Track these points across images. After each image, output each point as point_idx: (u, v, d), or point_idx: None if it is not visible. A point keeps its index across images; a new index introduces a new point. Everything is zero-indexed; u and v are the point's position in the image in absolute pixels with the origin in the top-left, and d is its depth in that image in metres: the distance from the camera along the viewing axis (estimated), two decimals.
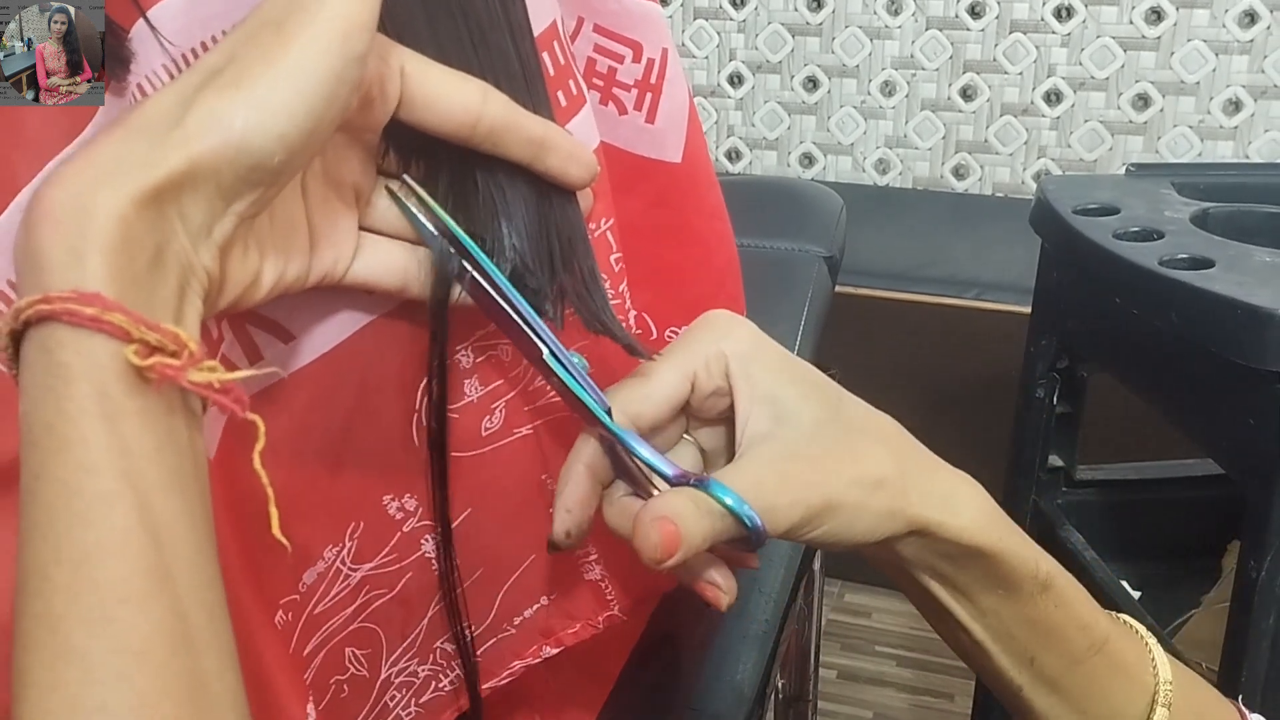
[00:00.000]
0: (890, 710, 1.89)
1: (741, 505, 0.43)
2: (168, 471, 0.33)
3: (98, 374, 0.32)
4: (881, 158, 2.48)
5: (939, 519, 0.46)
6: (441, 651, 0.56)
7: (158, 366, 0.32)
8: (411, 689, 0.56)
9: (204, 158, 0.34)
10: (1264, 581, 0.88)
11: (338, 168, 0.43)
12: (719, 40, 2.50)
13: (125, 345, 0.32)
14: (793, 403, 0.47)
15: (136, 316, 0.32)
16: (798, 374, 0.48)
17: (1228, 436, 0.93)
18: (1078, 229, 1.06)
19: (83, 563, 0.31)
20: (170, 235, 0.34)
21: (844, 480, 0.45)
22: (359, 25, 0.36)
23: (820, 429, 0.46)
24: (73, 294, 0.31)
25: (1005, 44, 2.33)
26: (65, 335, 0.31)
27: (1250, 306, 0.85)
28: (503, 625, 0.57)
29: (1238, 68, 2.21)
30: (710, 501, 0.44)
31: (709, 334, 0.49)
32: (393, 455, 0.50)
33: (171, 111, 0.34)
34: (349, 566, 0.51)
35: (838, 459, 0.46)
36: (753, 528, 0.44)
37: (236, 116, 0.34)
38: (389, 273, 0.45)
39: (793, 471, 0.45)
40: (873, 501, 0.45)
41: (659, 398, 0.48)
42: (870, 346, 2.00)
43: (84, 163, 0.33)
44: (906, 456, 0.48)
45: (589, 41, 0.55)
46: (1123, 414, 1.42)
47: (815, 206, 1.27)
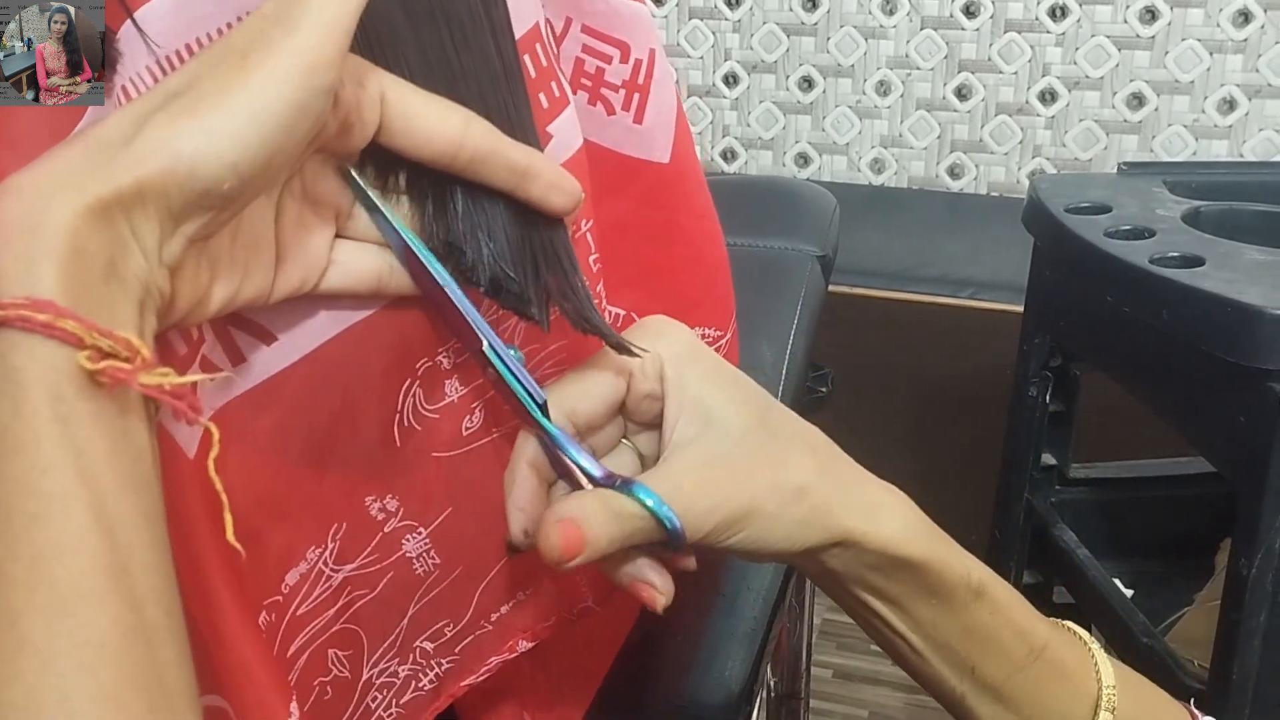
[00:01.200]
0: (886, 709, 1.89)
1: (661, 507, 0.43)
2: (122, 472, 0.33)
3: (51, 378, 0.32)
4: (876, 157, 2.48)
5: (863, 529, 0.47)
6: (421, 650, 0.56)
7: (109, 370, 0.32)
8: (392, 689, 0.56)
9: (152, 179, 0.34)
10: (1255, 578, 0.88)
11: (316, 186, 0.43)
12: (714, 40, 2.50)
13: (78, 351, 0.32)
14: (721, 409, 0.47)
15: (89, 323, 0.32)
16: (729, 381, 0.49)
17: (1219, 434, 0.93)
18: (1069, 228, 1.07)
19: (39, 559, 0.31)
20: (124, 250, 0.35)
21: (764, 486, 0.46)
22: (324, 60, 0.37)
23: (746, 435, 0.47)
24: (26, 300, 0.32)
25: (1000, 43, 2.33)
26: (19, 340, 0.32)
27: (1240, 304, 0.85)
28: (480, 622, 0.57)
29: (1232, 67, 2.21)
30: (622, 504, 0.44)
31: (647, 337, 0.49)
32: (375, 456, 0.50)
33: (126, 131, 0.35)
34: (331, 567, 0.51)
35: (760, 465, 0.46)
36: (671, 530, 0.44)
37: (186, 142, 0.35)
38: (361, 280, 0.45)
39: (714, 476, 0.45)
40: (793, 509, 0.46)
41: (594, 395, 0.48)
42: (864, 346, 2.00)
43: (36, 174, 0.34)
44: (831, 467, 0.48)
45: (577, 42, 0.55)
46: (1115, 412, 1.42)
47: (809, 206, 1.27)
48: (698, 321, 0.62)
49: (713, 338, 0.62)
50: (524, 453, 0.49)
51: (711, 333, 0.62)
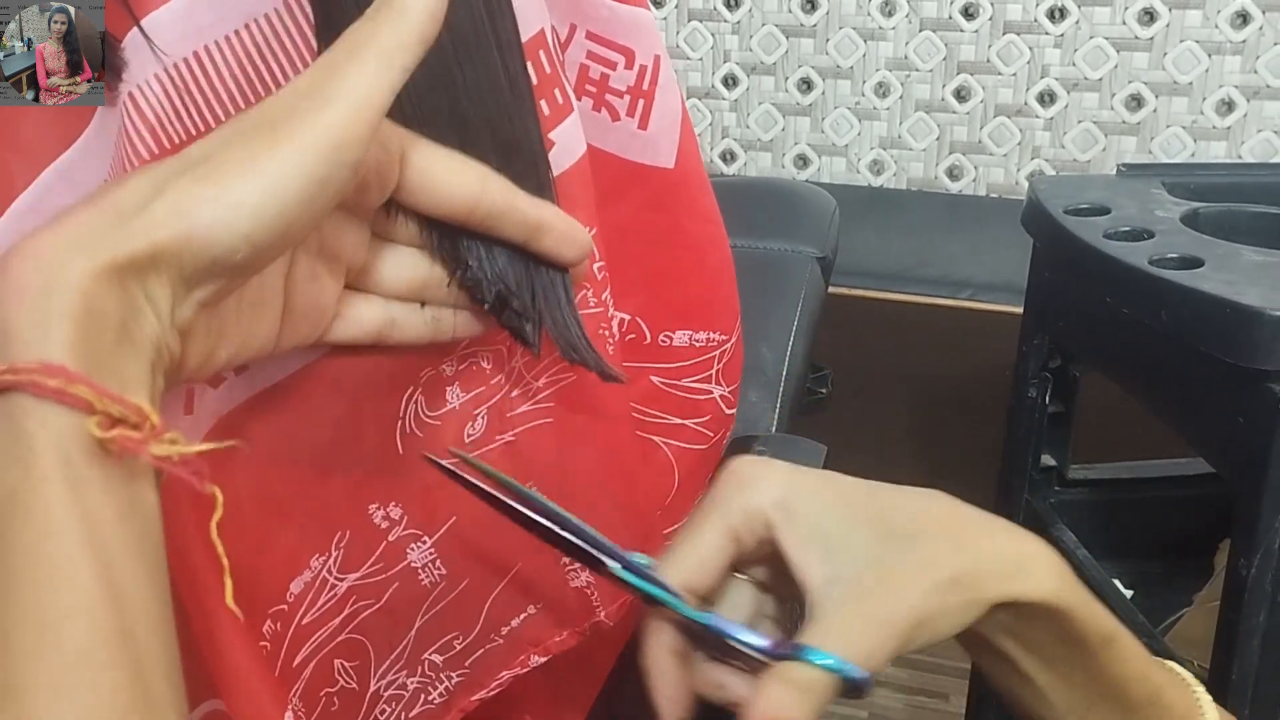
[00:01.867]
0: (886, 710, 1.89)
1: (843, 665, 0.43)
2: (129, 537, 0.33)
3: (61, 444, 0.32)
4: (876, 159, 2.48)
5: (1017, 591, 0.46)
6: (430, 663, 0.56)
7: (120, 439, 0.32)
8: (401, 702, 0.56)
9: (166, 245, 0.34)
10: (1254, 579, 0.88)
11: (333, 242, 0.43)
12: (713, 42, 2.50)
13: (88, 417, 0.32)
14: (842, 534, 0.46)
15: (100, 389, 0.32)
16: (838, 498, 0.48)
17: (1218, 435, 0.94)
18: (1068, 229, 1.07)
19: (45, 626, 0.31)
20: (137, 313, 0.35)
21: (920, 594, 0.45)
22: (355, 137, 0.37)
23: (878, 550, 0.46)
24: (38, 365, 0.32)
25: (999, 45, 2.34)
26: (30, 405, 0.32)
27: (1239, 305, 0.85)
28: (490, 636, 0.57)
29: (1230, 68, 2.21)
30: (808, 675, 0.43)
31: (740, 488, 0.48)
32: (377, 463, 0.50)
33: (144, 195, 0.35)
34: (335, 576, 0.51)
35: (906, 576, 0.45)
36: (858, 681, 0.44)
37: (203, 211, 0.35)
38: (365, 332, 0.46)
39: (871, 610, 0.44)
40: (952, 599, 0.45)
41: (709, 566, 0.48)
42: (864, 347, 2.00)
43: (51, 236, 0.34)
44: (968, 540, 0.47)
45: (582, 48, 0.55)
46: (1115, 413, 1.42)
47: (808, 207, 1.27)
48: (702, 326, 0.62)
49: (717, 342, 0.63)
50: (660, 640, 0.48)
51: (717, 337, 0.63)
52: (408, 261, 0.46)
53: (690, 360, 0.62)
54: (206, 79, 0.43)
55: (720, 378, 0.63)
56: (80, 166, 0.44)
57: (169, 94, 0.42)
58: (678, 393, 0.62)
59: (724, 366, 0.64)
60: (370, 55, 0.37)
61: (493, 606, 0.56)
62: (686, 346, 0.62)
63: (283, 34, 0.44)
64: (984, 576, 0.46)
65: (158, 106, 0.42)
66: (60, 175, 0.43)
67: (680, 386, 0.62)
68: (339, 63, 0.37)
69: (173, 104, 0.42)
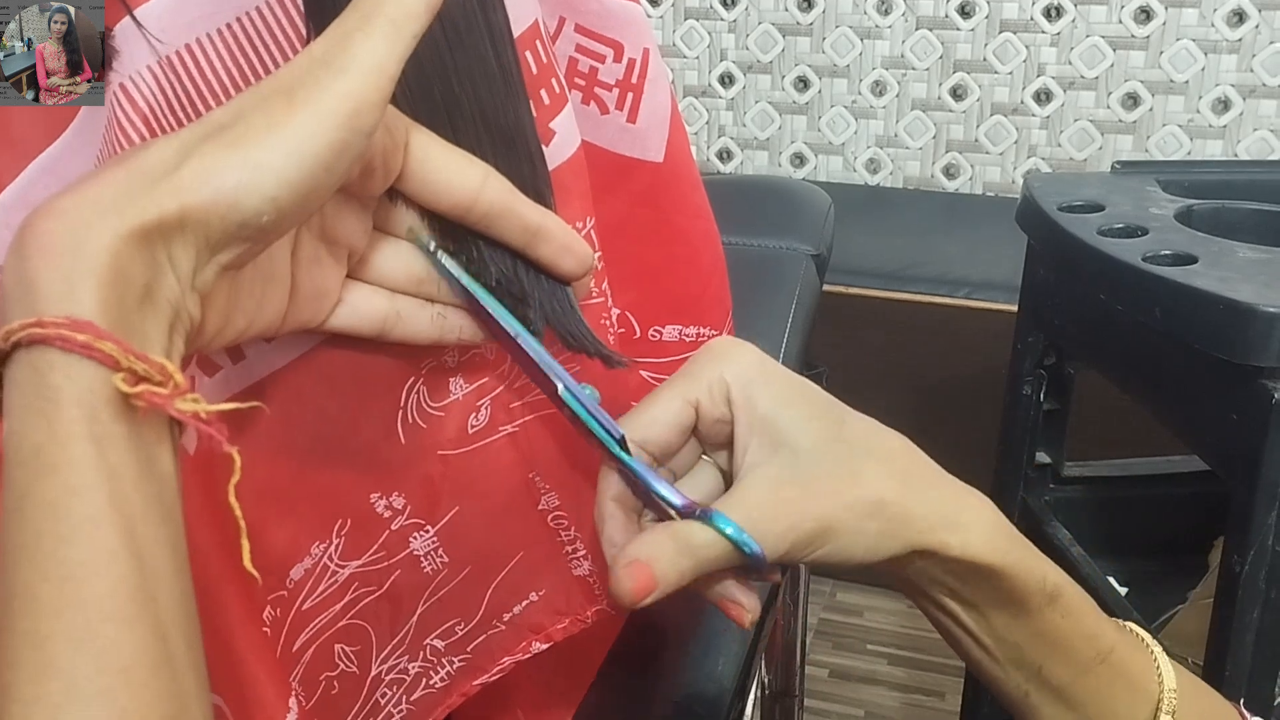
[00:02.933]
0: (882, 709, 1.89)
1: (740, 534, 0.44)
2: (150, 497, 0.33)
3: (88, 398, 0.32)
4: (872, 157, 2.48)
5: (943, 539, 0.47)
6: (431, 648, 0.56)
7: (145, 394, 0.33)
8: (402, 686, 0.56)
9: (194, 208, 0.35)
10: (1248, 576, 0.88)
11: (334, 226, 0.43)
12: (710, 40, 2.50)
13: (114, 373, 0.33)
14: (793, 426, 0.47)
15: (126, 346, 0.33)
16: (800, 398, 0.48)
17: (1211, 432, 0.93)
18: (1063, 226, 1.07)
19: (68, 580, 0.31)
20: (160, 275, 0.35)
21: (840, 503, 0.45)
22: (370, 103, 0.37)
23: (819, 452, 0.47)
24: (66, 320, 0.32)
25: (995, 43, 2.34)
26: (57, 359, 0.32)
27: (1232, 302, 0.85)
28: (492, 622, 0.57)
29: (1226, 67, 2.21)
30: (697, 534, 0.45)
31: (711, 361, 0.49)
32: (379, 453, 0.50)
33: (170, 159, 0.35)
34: (336, 563, 0.51)
35: (836, 481, 0.46)
36: (751, 555, 0.44)
37: (230, 174, 0.35)
38: (368, 321, 0.46)
39: (789, 497, 0.45)
40: (871, 524, 0.46)
41: (663, 423, 0.49)
42: (859, 345, 2.00)
43: (79, 197, 0.34)
44: (910, 476, 0.48)
45: (570, 41, 0.55)
46: (1109, 410, 1.42)
47: (803, 205, 1.27)
48: (692, 321, 0.62)
49: (707, 337, 0.62)
50: (607, 489, 0.49)
51: (707, 332, 0.63)
52: (409, 254, 0.46)
53: (680, 355, 0.62)
54: (200, 71, 0.43)
55: None
56: (66, 160, 0.44)
57: (162, 86, 0.42)
58: None
59: None
60: (380, 23, 0.38)
61: (495, 594, 0.56)
62: (677, 342, 0.62)
63: (274, 26, 0.44)
64: (911, 515, 0.46)
65: (150, 98, 0.42)
66: (45, 169, 0.43)
67: None
68: (350, 31, 0.38)
69: (165, 96, 0.42)
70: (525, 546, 0.56)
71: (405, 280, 0.47)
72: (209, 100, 0.43)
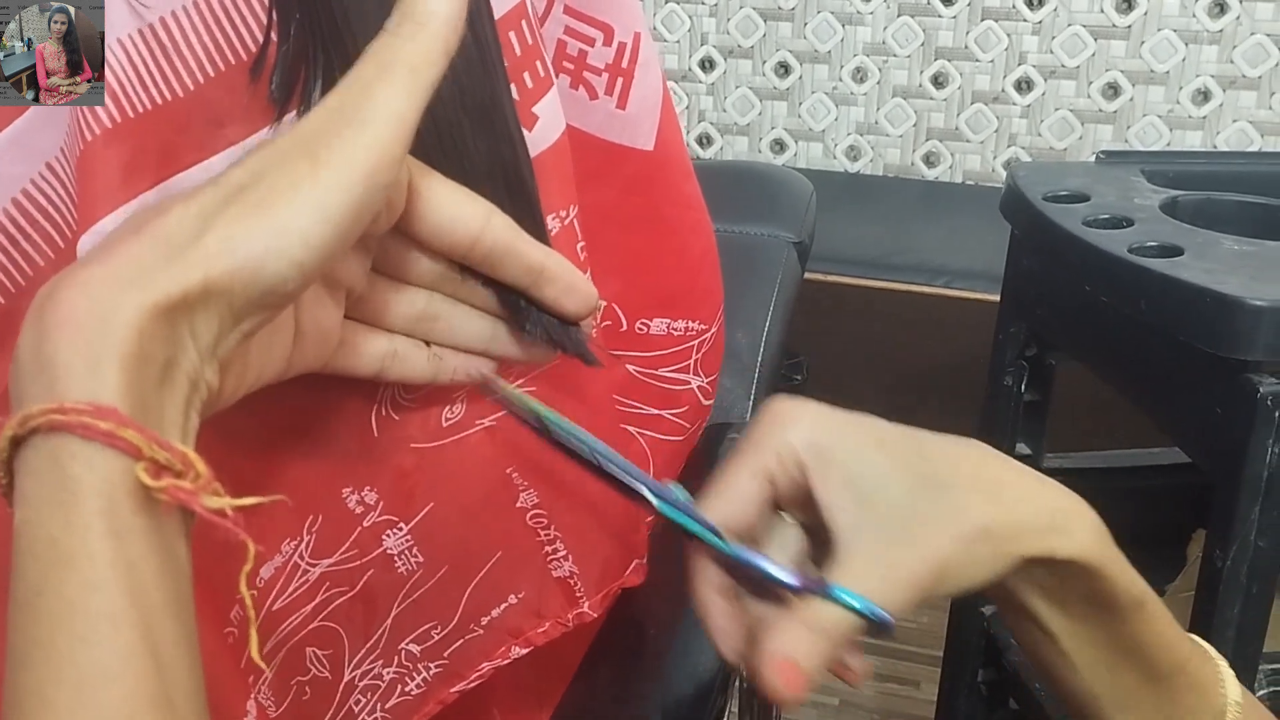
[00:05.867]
0: (856, 697, 1.89)
1: (868, 606, 0.43)
2: (169, 593, 0.32)
3: (108, 490, 0.31)
4: (853, 144, 2.48)
5: (1051, 545, 0.46)
6: (407, 653, 0.55)
7: (170, 489, 0.32)
8: (377, 693, 0.55)
9: (220, 278, 0.34)
10: (1229, 570, 0.88)
11: (335, 270, 0.43)
12: (690, 24, 2.49)
13: (136, 462, 0.31)
14: (877, 478, 0.46)
15: (149, 434, 0.32)
16: (873, 443, 0.47)
17: (1195, 425, 0.93)
18: (1048, 216, 1.06)
19: (84, 685, 0.30)
20: (181, 350, 0.34)
21: (948, 541, 0.45)
22: (392, 158, 0.37)
23: (913, 495, 0.46)
24: (89, 406, 0.31)
25: (977, 31, 2.33)
26: (77, 448, 0.31)
27: (1218, 294, 0.85)
28: (470, 626, 0.56)
29: (1207, 57, 2.22)
30: (829, 614, 0.44)
31: (773, 428, 0.48)
32: (351, 446, 0.49)
33: (191, 226, 0.34)
34: (307, 561, 0.50)
35: (938, 522, 0.45)
36: (882, 622, 0.44)
37: (255, 241, 0.35)
38: (367, 362, 0.46)
39: (896, 555, 0.45)
40: (982, 549, 0.45)
41: (741, 502, 0.48)
42: (839, 333, 2.00)
43: (101, 269, 0.33)
44: (1004, 488, 0.47)
45: (559, 23, 0.54)
46: (1090, 402, 1.42)
47: (785, 192, 1.26)
48: (680, 314, 0.61)
49: (696, 331, 0.61)
50: (706, 580, 0.48)
51: (696, 326, 0.61)
52: (406, 293, 0.46)
53: (668, 349, 0.61)
54: (173, 43, 0.42)
55: (699, 368, 0.62)
56: (32, 132, 0.43)
57: (132, 59, 0.41)
58: (654, 382, 0.61)
59: (703, 356, 0.62)
60: (401, 72, 0.37)
61: (472, 596, 0.55)
62: (664, 335, 0.61)
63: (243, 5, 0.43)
64: (1016, 530, 0.46)
65: (120, 73, 0.42)
66: (11, 141, 0.43)
67: (657, 376, 0.61)
68: (369, 81, 0.37)
69: (136, 70, 0.42)
70: (503, 546, 0.55)
71: (402, 320, 0.46)
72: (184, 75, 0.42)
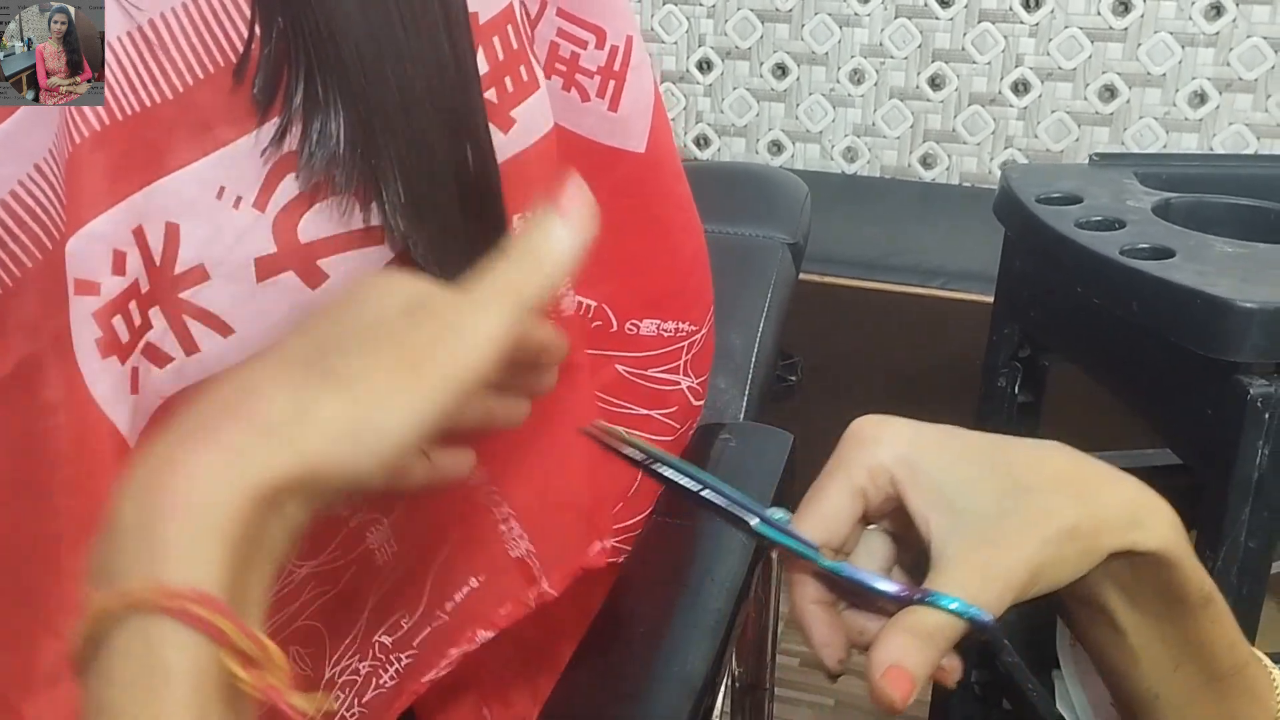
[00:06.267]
0: (852, 697, 1.89)
1: (967, 609, 0.45)
2: None
3: (197, 676, 0.32)
4: (849, 146, 2.48)
5: (1133, 539, 0.47)
6: (380, 645, 0.55)
7: (258, 684, 0.33)
8: (354, 688, 0.55)
9: (314, 469, 0.36)
10: (1220, 571, 0.89)
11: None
12: (688, 25, 2.49)
13: (221, 648, 0.32)
14: (968, 490, 0.48)
15: (239, 624, 0.32)
16: (961, 455, 0.49)
17: (1187, 426, 0.94)
18: (1040, 218, 1.06)
19: None
20: (271, 534, 0.35)
21: (1038, 543, 0.46)
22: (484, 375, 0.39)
23: (1003, 504, 0.47)
24: (192, 593, 0.32)
25: (974, 33, 2.33)
26: (172, 633, 0.32)
27: (1210, 296, 0.85)
28: (435, 613, 0.56)
29: (1204, 60, 2.22)
30: (928, 621, 0.45)
31: (863, 446, 0.50)
32: None
33: (287, 409, 0.36)
34: (293, 563, 0.50)
35: (1028, 527, 0.47)
36: (983, 624, 0.45)
37: (350, 440, 0.36)
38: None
39: (991, 560, 0.46)
40: (1070, 548, 0.46)
41: (836, 520, 0.49)
42: (834, 334, 2.00)
43: (207, 454, 0.34)
44: (1087, 487, 0.48)
45: (552, 25, 0.54)
46: (1083, 403, 1.43)
47: (780, 193, 1.27)
48: (672, 315, 0.61)
49: (686, 333, 0.62)
50: (806, 595, 0.50)
51: (686, 328, 0.62)
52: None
53: (657, 350, 0.61)
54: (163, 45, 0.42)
55: (689, 369, 0.63)
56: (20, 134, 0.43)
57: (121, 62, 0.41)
58: (644, 383, 0.61)
59: (693, 358, 0.63)
60: (509, 303, 0.41)
61: (435, 581, 0.56)
62: (654, 336, 0.61)
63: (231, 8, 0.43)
64: (1101, 526, 0.47)
65: (110, 75, 0.41)
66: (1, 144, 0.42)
67: (646, 377, 0.61)
68: (483, 304, 0.40)
69: (125, 72, 0.42)
70: (459, 520, 0.56)
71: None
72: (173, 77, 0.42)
